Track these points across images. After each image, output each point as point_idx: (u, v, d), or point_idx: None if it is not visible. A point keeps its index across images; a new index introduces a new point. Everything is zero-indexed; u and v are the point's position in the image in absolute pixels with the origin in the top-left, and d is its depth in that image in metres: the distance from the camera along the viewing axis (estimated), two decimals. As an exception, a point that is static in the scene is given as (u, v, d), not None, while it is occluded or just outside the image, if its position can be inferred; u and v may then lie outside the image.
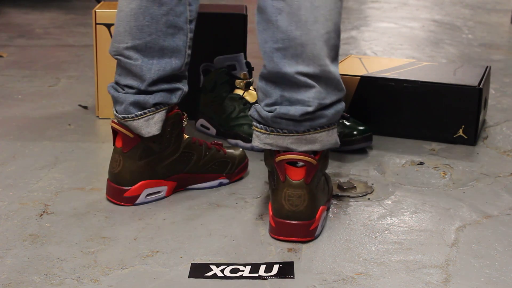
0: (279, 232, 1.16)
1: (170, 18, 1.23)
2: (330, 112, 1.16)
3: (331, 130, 1.17)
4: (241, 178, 1.42)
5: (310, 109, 1.13)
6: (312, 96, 1.13)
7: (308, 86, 1.13)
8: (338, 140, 1.20)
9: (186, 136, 1.33)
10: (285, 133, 1.16)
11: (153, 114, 1.25)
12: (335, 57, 1.15)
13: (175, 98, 1.28)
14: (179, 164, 1.32)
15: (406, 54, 2.64)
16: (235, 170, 1.39)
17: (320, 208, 1.18)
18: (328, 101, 1.14)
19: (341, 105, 1.18)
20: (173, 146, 1.30)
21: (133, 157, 1.27)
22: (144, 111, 1.24)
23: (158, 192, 1.31)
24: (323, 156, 1.19)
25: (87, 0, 3.53)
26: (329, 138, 1.17)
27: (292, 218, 1.15)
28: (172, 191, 1.33)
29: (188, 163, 1.33)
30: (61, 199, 1.32)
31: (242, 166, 1.41)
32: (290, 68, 1.12)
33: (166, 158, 1.30)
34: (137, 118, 1.24)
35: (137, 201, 1.29)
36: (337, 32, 1.14)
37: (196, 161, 1.34)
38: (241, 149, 1.44)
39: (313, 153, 1.18)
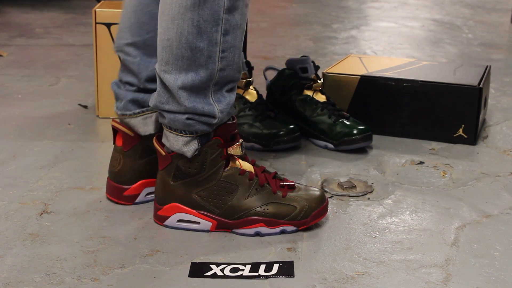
0: None
1: None
2: (171, 117, 1.15)
3: (178, 136, 1.16)
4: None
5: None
6: (155, 95, 1.16)
7: (157, 84, 1.17)
8: (185, 152, 1.16)
9: None
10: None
11: (151, 113, 1.25)
12: (182, 68, 1.11)
13: None
14: None
15: (406, 53, 2.64)
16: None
17: (177, 205, 1.20)
18: (166, 107, 1.15)
19: (182, 117, 1.14)
20: None
21: (134, 156, 1.27)
22: (143, 109, 1.25)
23: None
24: (180, 157, 1.17)
25: (87, 0, 3.53)
26: (174, 142, 1.17)
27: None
28: None
29: None
30: (61, 198, 1.32)
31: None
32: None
33: None
34: (135, 115, 1.24)
35: (137, 200, 1.29)
36: (184, 44, 1.10)
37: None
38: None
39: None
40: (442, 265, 1.11)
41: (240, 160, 1.21)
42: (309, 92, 1.66)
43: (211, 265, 1.09)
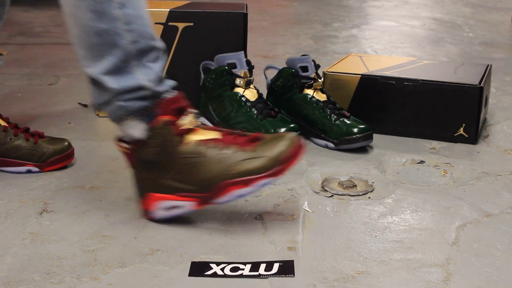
0: None
1: None
2: (110, 108, 1.18)
3: (124, 124, 1.19)
4: (62, 168, 1.44)
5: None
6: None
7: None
8: (136, 135, 1.18)
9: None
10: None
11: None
12: (98, 56, 1.15)
13: None
14: None
15: (406, 52, 2.64)
16: (46, 160, 1.42)
17: (153, 194, 1.19)
18: (101, 100, 1.19)
19: (117, 102, 1.17)
20: None
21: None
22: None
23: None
24: (138, 148, 1.19)
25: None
26: (124, 131, 1.20)
27: None
28: None
29: None
30: (61, 197, 1.32)
31: (58, 158, 1.43)
32: None
33: None
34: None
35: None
36: (90, 32, 1.13)
37: None
38: (66, 143, 1.45)
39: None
40: (443, 265, 1.10)
41: (202, 130, 1.19)
42: (309, 91, 1.65)
43: (211, 264, 1.09)
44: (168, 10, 1.73)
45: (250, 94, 1.63)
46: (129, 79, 1.15)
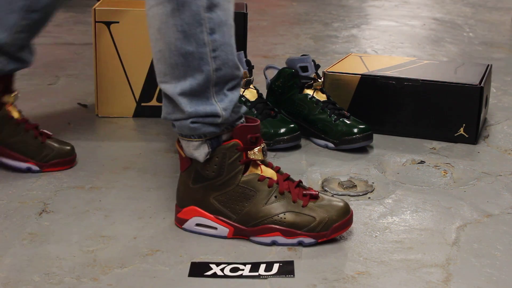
0: None
1: None
2: (180, 125, 1.16)
3: (188, 142, 1.16)
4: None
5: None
6: (163, 107, 1.18)
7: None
8: (197, 156, 1.16)
9: None
10: None
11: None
12: (179, 76, 1.12)
13: None
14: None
15: (406, 52, 2.64)
16: (48, 161, 1.42)
17: (196, 208, 1.18)
18: (173, 117, 1.16)
19: (186, 122, 1.14)
20: None
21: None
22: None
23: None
24: (204, 161, 1.16)
25: (87, -2, 3.53)
26: (186, 148, 1.17)
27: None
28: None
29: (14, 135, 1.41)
30: (61, 197, 1.32)
31: (60, 161, 1.43)
32: None
33: None
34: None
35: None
36: (174, 51, 1.10)
37: (6, 134, 1.40)
38: (70, 147, 1.46)
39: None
40: (443, 265, 1.10)
41: (262, 166, 1.19)
42: (309, 91, 1.65)
43: (211, 265, 1.08)
44: (168, 10, 1.73)
45: (250, 94, 1.63)
46: (205, 104, 1.13)
